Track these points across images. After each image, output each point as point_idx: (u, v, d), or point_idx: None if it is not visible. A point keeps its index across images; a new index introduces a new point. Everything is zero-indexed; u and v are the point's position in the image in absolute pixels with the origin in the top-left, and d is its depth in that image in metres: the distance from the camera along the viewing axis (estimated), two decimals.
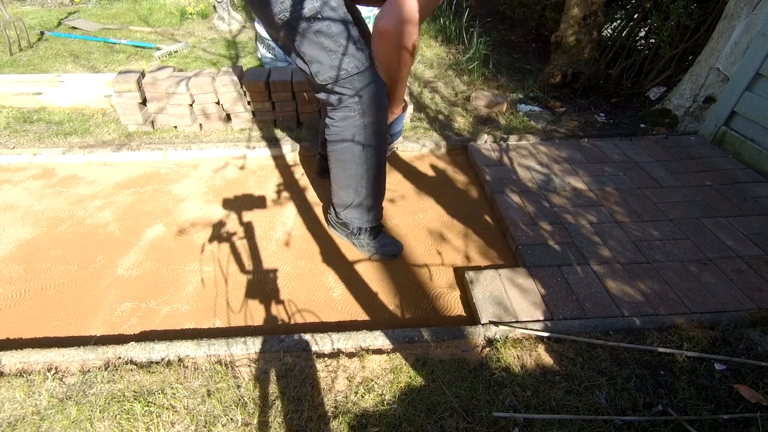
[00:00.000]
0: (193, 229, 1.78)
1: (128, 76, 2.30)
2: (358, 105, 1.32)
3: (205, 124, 2.47)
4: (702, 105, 2.36)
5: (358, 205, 1.54)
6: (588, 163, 2.08)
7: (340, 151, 1.43)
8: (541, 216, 1.73)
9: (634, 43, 3.07)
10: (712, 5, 2.54)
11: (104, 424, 1.03)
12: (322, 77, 1.30)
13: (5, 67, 3.33)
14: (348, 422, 1.04)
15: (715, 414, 1.04)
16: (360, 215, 1.57)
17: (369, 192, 1.50)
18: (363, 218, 1.57)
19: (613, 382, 1.12)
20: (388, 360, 1.19)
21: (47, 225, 1.80)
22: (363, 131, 1.37)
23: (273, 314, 1.42)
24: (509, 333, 1.24)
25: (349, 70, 1.27)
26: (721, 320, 1.26)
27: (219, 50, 3.69)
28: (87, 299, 1.47)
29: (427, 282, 1.54)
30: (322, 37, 1.24)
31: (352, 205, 1.55)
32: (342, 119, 1.37)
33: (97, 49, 3.69)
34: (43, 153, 2.22)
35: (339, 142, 1.41)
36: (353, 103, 1.32)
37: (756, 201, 1.77)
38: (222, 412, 1.06)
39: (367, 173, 1.45)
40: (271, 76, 2.32)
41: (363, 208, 1.54)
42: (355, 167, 1.44)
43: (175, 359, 1.18)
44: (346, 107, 1.34)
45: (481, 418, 1.04)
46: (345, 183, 1.50)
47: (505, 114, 2.65)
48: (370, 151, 1.41)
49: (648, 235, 1.62)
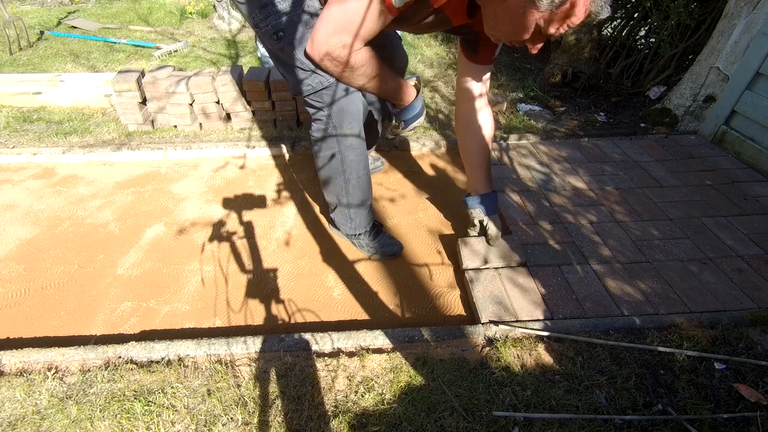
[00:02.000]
0: (193, 229, 1.78)
1: (128, 75, 2.30)
2: (328, 118, 1.34)
3: (205, 124, 2.47)
4: (702, 104, 2.36)
5: (341, 212, 1.57)
6: (588, 163, 2.08)
7: (320, 160, 1.46)
8: (541, 215, 1.73)
9: (634, 42, 3.07)
10: (713, 4, 2.54)
11: (104, 424, 1.03)
12: (292, 90, 1.34)
13: (5, 66, 3.33)
14: (348, 421, 1.04)
15: (715, 413, 1.04)
16: (344, 221, 1.59)
17: (350, 201, 1.52)
18: (347, 225, 1.59)
19: (613, 381, 1.12)
20: (388, 359, 1.19)
21: (47, 224, 1.80)
22: (336, 144, 1.39)
23: (273, 314, 1.42)
24: (509, 332, 1.25)
25: (314, 86, 1.28)
26: (721, 320, 1.27)
27: (219, 50, 3.69)
28: (87, 299, 1.47)
29: (427, 281, 1.54)
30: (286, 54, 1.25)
31: (337, 211, 1.58)
32: (316, 130, 1.40)
33: (97, 49, 3.69)
34: (43, 152, 2.22)
35: (318, 152, 1.44)
36: (323, 116, 1.35)
37: (756, 200, 1.77)
38: (222, 411, 1.06)
39: (345, 184, 1.48)
40: (271, 76, 2.32)
41: (346, 216, 1.57)
42: (334, 176, 1.47)
43: (175, 359, 1.18)
44: (318, 119, 1.37)
45: (481, 417, 1.04)
46: (329, 189, 1.54)
47: (505, 113, 2.64)
48: (346, 162, 1.43)
49: (648, 234, 1.61)
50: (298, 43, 1.22)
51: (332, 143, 1.39)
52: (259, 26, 1.26)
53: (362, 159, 1.46)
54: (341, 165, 1.43)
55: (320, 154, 1.44)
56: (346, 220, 1.58)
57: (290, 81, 1.33)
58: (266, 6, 1.21)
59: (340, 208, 1.55)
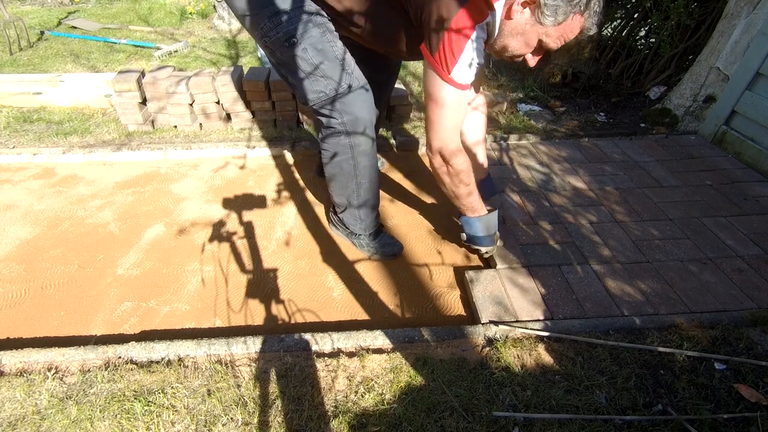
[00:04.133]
0: (193, 229, 1.78)
1: (128, 75, 2.30)
2: (341, 126, 1.34)
3: (205, 124, 2.47)
4: (702, 104, 2.36)
5: (351, 213, 1.57)
6: (588, 163, 2.08)
7: (331, 166, 1.45)
8: (541, 215, 1.73)
9: (634, 42, 3.07)
10: (713, 4, 2.54)
11: (104, 424, 1.03)
12: (301, 99, 1.34)
13: (5, 66, 3.33)
14: (348, 422, 1.04)
15: (715, 413, 1.04)
16: (353, 222, 1.60)
17: (360, 204, 1.53)
18: (356, 225, 1.60)
19: (613, 381, 1.12)
20: (388, 359, 1.19)
21: (47, 225, 1.80)
22: (349, 150, 1.39)
23: (273, 314, 1.42)
24: (509, 332, 1.24)
25: (326, 92, 1.28)
26: (721, 320, 1.26)
27: (219, 50, 3.69)
28: (87, 299, 1.47)
29: (427, 281, 1.54)
30: (298, 60, 1.25)
31: (346, 212, 1.58)
32: (328, 136, 1.39)
33: (97, 49, 3.69)
34: (43, 153, 2.22)
35: (329, 158, 1.44)
36: (336, 124, 1.34)
37: (756, 200, 1.77)
38: (222, 411, 1.06)
39: (357, 188, 1.48)
40: (271, 76, 2.32)
41: (356, 217, 1.57)
42: (345, 181, 1.47)
43: (175, 359, 1.18)
44: (330, 126, 1.36)
45: (481, 417, 1.04)
46: (338, 193, 1.53)
47: (505, 113, 2.64)
48: (358, 168, 1.43)
49: (648, 234, 1.61)
50: (312, 46, 1.23)
51: (345, 150, 1.38)
52: (269, 35, 1.25)
53: (375, 163, 1.47)
54: (353, 170, 1.43)
55: (333, 160, 1.43)
56: (356, 221, 1.58)
57: (301, 89, 1.31)
58: (276, 15, 1.21)
59: (350, 210, 1.55)
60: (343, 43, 1.31)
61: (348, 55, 1.31)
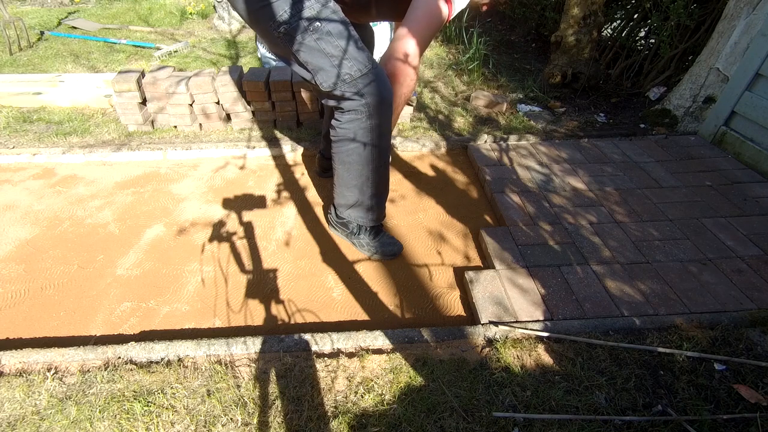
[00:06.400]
0: (193, 229, 1.78)
1: (128, 75, 2.30)
2: (365, 107, 1.32)
3: (205, 124, 2.47)
4: (702, 105, 2.37)
5: (361, 204, 1.55)
6: (588, 163, 2.08)
7: (347, 153, 1.43)
8: (541, 216, 1.73)
9: (634, 43, 3.07)
10: (712, 5, 2.55)
11: (104, 424, 1.03)
12: (326, 84, 1.31)
13: (5, 66, 3.33)
14: (348, 422, 1.04)
15: (715, 414, 1.04)
16: (363, 214, 1.57)
17: (374, 192, 1.51)
18: (366, 217, 1.58)
19: (612, 382, 1.12)
20: (388, 360, 1.19)
21: (47, 225, 1.80)
22: (369, 132, 1.37)
23: (273, 314, 1.42)
24: (509, 333, 1.24)
25: (352, 74, 1.28)
26: (720, 320, 1.27)
27: (219, 50, 3.69)
28: (87, 299, 1.47)
29: (427, 282, 1.54)
30: (322, 42, 1.25)
31: (356, 205, 1.55)
32: (349, 121, 1.37)
33: (97, 49, 3.69)
34: (42, 153, 2.22)
35: (345, 143, 1.41)
36: (359, 105, 1.33)
37: (756, 201, 1.77)
38: (222, 412, 1.06)
39: (372, 174, 1.46)
40: (271, 76, 2.32)
41: (366, 207, 1.55)
42: (361, 168, 1.45)
43: (175, 359, 1.18)
44: (352, 110, 1.34)
45: (481, 418, 1.04)
46: (350, 183, 1.50)
47: (505, 114, 2.65)
48: (376, 151, 1.41)
49: (648, 235, 1.62)
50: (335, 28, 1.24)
51: (366, 133, 1.37)
52: (289, 23, 1.23)
53: (390, 145, 1.48)
54: (371, 154, 1.41)
55: (349, 145, 1.41)
56: (366, 213, 1.56)
57: (325, 74, 1.29)
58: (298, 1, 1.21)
59: (362, 200, 1.53)
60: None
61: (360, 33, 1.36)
